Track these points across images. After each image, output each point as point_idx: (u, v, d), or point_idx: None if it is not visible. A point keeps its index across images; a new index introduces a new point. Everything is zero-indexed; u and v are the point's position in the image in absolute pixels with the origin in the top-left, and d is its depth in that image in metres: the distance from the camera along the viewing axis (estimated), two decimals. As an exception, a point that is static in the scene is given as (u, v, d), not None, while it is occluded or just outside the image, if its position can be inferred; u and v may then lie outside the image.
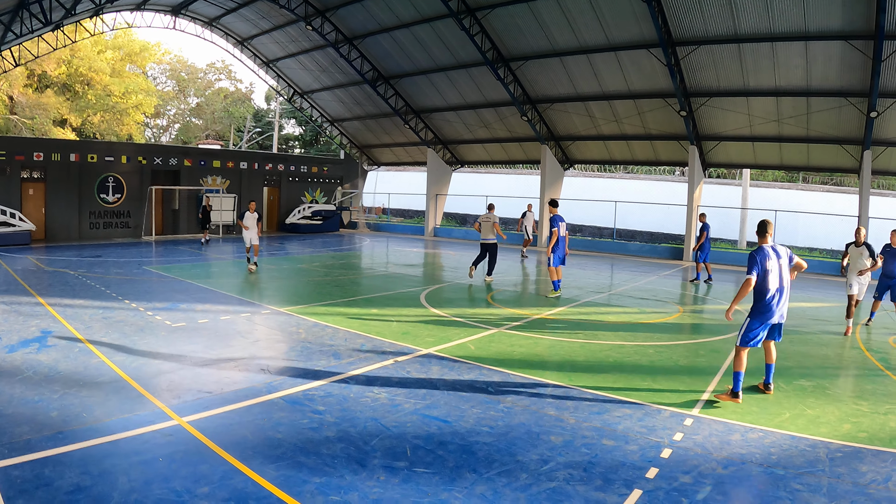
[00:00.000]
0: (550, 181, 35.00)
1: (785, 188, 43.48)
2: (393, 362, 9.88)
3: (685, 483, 5.95)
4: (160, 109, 73.03)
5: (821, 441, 7.19)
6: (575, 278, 22.22)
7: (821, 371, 10.34)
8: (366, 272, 23.12)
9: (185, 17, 37.40)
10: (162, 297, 15.26)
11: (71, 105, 54.84)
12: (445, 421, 7.33)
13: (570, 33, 27.00)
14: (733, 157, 30.38)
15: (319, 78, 39.85)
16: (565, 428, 7.31)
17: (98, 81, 54.83)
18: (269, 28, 36.66)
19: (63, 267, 20.85)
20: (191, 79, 76.49)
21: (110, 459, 6.11)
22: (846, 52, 22.44)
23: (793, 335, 13.40)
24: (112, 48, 58.04)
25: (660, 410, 8.05)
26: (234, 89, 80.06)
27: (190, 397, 7.96)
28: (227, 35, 39.94)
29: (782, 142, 27.72)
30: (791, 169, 33.16)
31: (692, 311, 16.54)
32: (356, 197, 47.39)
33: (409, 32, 31.59)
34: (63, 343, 10.52)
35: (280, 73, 41.98)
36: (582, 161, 36.84)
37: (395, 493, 5.60)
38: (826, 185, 43.73)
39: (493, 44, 29.40)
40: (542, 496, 5.64)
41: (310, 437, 6.81)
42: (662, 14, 23.72)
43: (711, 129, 28.69)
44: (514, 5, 26.53)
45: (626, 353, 11.04)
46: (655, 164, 35.06)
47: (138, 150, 35.35)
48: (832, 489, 5.97)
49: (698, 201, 30.19)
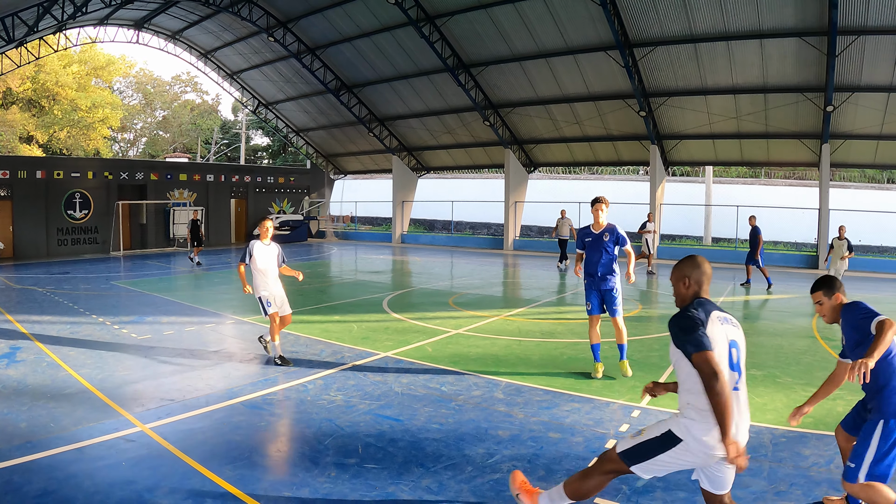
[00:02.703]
0: (515, 184, 35.29)
1: (748, 184, 44.13)
2: (351, 366, 10.06)
3: (624, 471, 6.16)
4: (127, 123, 72.53)
5: (766, 427, 7.41)
6: (536, 279, 22.51)
7: (773, 360, 10.63)
8: (332, 280, 23.21)
9: (149, 31, 37.32)
10: (128, 311, 15.34)
11: (37, 121, 54.41)
12: (397, 420, 7.53)
13: (528, 38, 27.30)
14: (695, 154, 30.80)
15: (283, 88, 39.93)
16: (514, 423, 7.53)
17: (64, 96, 54.44)
18: (232, 40, 36.71)
19: (31, 284, 20.82)
20: (157, 92, 76.07)
21: (76, 465, 6.28)
22: (801, 48, 22.90)
23: (748, 327, 13.72)
24: (78, 62, 57.64)
25: (608, 403, 8.28)
26: (201, 101, 79.73)
27: (153, 405, 8.11)
28: (190, 48, 39.87)
29: (742, 138, 28.21)
30: (752, 164, 33.65)
31: (652, 307, 16.80)
32: (323, 206, 47.46)
33: (370, 41, 31.78)
34: (31, 358, 10.61)
35: (245, 85, 42.01)
36: (546, 164, 37.16)
37: (345, 488, 5.81)
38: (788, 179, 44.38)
39: (453, 50, 29.66)
40: (486, 487, 5.86)
41: (266, 438, 7.04)
42: (618, 16, 24.08)
43: (672, 128, 29.09)
44: (473, 12, 26.82)
45: (582, 350, 11.24)
46: (618, 164, 35.46)
47: (104, 166, 35.28)
48: (772, 473, 6.19)
49: (661, 199, 30.59)
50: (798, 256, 27.87)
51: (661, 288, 20.40)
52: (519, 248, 35.45)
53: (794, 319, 14.93)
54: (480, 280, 22.22)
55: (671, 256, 30.09)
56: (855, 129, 25.22)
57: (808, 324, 14.17)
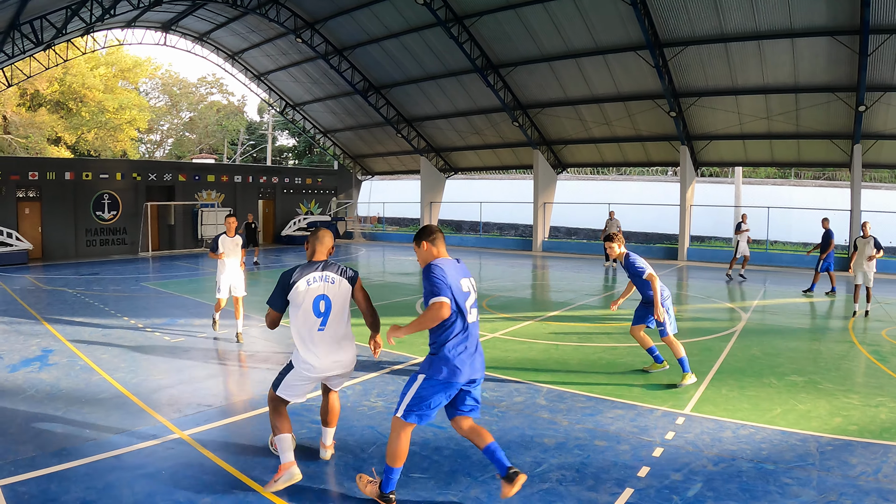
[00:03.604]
0: (543, 185, 35.13)
1: (777, 184, 43.71)
2: (389, 371, 9.98)
3: (676, 481, 6.05)
4: (153, 125, 72.92)
5: (811, 435, 7.26)
6: (568, 282, 22.36)
7: (812, 366, 10.42)
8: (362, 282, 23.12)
9: (176, 33, 37.55)
10: (160, 313, 15.35)
11: (65, 123, 54.81)
12: (441, 427, 7.40)
13: (557, 38, 27.15)
14: (724, 155, 30.50)
15: (311, 89, 39.98)
16: (558, 430, 7.42)
17: (91, 98, 54.79)
18: (259, 41, 36.80)
19: (61, 285, 20.92)
20: (183, 93, 76.42)
21: (114, 473, 6.20)
22: (832, 47, 22.58)
23: (785, 331, 13.54)
24: (104, 64, 58.05)
25: (652, 410, 8.15)
26: (227, 103, 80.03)
27: (191, 411, 8.06)
28: (217, 49, 40.07)
29: (772, 139, 27.87)
30: (782, 165, 33.34)
31: (686, 311, 16.61)
32: (351, 207, 47.49)
33: (398, 42, 31.73)
34: (64, 361, 10.61)
35: (272, 86, 42.12)
36: (574, 164, 36.97)
37: (392, 499, 5.69)
38: (818, 179, 43.92)
39: (481, 51, 29.55)
40: (536, 497, 5.74)
41: (308, 446, 6.91)
42: (648, 16, 23.85)
43: (702, 129, 28.82)
44: (502, 12, 26.68)
45: (620, 354, 11.14)
46: (647, 165, 35.19)
47: (133, 167, 35.53)
48: (822, 482, 6.04)
49: (691, 201, 30.34)
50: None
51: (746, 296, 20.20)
52: (548, 249, 35.27)
53: (831, 323, 14.73)
54: (512, 282, 22.08)
55: (700, 258, 29.86)
56: (887, 129, 24.81)
57: (844, 327, 13.96)
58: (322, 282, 6.12)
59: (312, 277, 6.09)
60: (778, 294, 19.52)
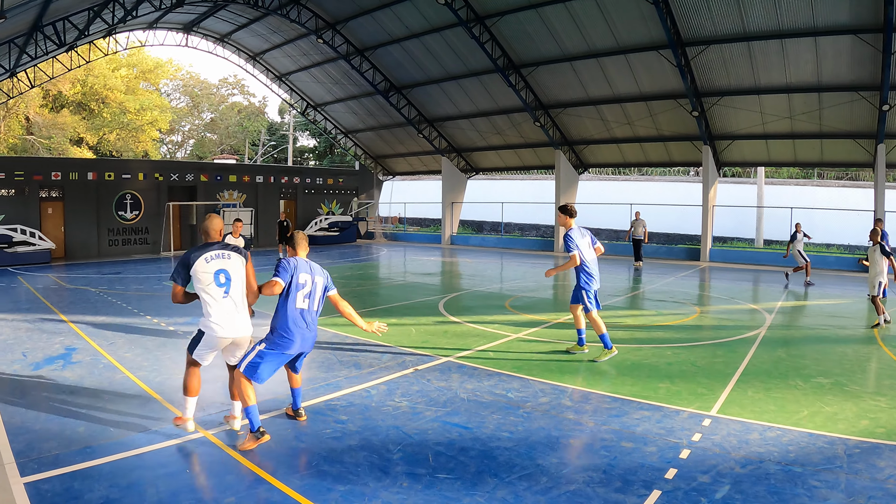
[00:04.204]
0: (565, 186, 35.05)
1: (800, 185, 43.41)
2: (413, 371, 9.98)
3: (703, 483, 6.01)
4: (175, 125, 73.36)
5: (839, 438, 7.19)
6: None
7: (838, 368, 10.32)
8: (384, 282, 23.21)
9: (197, 34, 37.75)
10: (182, 312, 15.36)
11: (87, 124, 55.29)
12: (466, 427, 7.41)
13: (579, 38, 27.06)
14: (747, 155, 30.31)
15: (332, 90, 40.06)
16: (584, 431, 7.39)
17: (113, 99, 55.26)
18: (280, 42, 36.93)
19: (84, 284, 21.07)
20: (204, 94, 76.81)
21: (138, 472, 6.23)
22: (856, 46, 22.38)
23: (810, 333, 13.45)
24: (126, 66, 58.53)
25: (678, 412, 8.09)
26: (248, 103, 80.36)
27: (214, 410, 8.09)
28: (239, 50, 40.24)
29: (795, 138, 27.65)
30: (805, 165, 33.07)
31: (710, 312, 16.52)
32: (372, 207, 47.56)
33: (419, 42, 31.74)
34: (87, 359, 10.68)
35: (293, 87, 42.25)
36: (596, 165, 36.85)
37: (418, 499, 5.69)
38: (841, 180, 43.58)
39: (503, 51, 29.51)
40: (562, 499, 5.71)
41: (333, 446, 6.90)
42: (671, 15, 23.73)
43: (724, 129, 28.66)
44: (523, 12, 26.63)
45: (645, 355, 11.09)
46: (669, 165, 35.06)
47: (155, 167, 35.77)
48: (850, 485, 5.99)
49: (713, 201, 30.19)
50: (852, 260, 27.30)
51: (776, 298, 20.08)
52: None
53: (856, 325, 14.59)
54: (534, 283, 22.00)
55: (723, 259, 29.70)
56: (912, 128, 24.64)
57: (870, 329, 13.83)
58: (219, 259, 6.96)
59: (210, 255, 6.94)
60: (802, 295, 19.37)
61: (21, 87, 32.87)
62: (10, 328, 13.48)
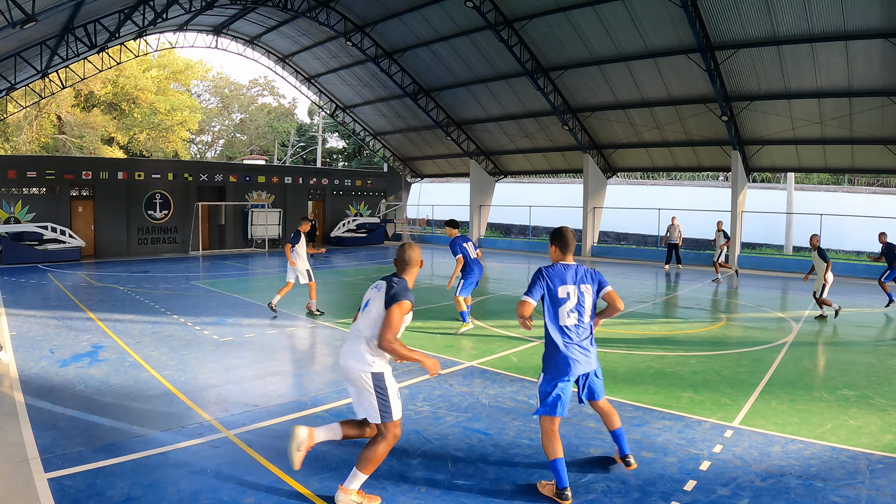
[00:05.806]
0: (593, 190, 34.93)
1: (830, 191, 43.04)
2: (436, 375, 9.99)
3: (723, 496, 5.97)
4: (204, 126, 73.96)
5: (862, 452, 7.11)
6: (619, 288, 22.17)
7: (864, 380, 10.20)
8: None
9: (227, 37, 38.07)
10: (209, 312, 15.52)
11: (118, 123, 55.86)
12: (486, 434, 7.43)
13: (608, 41, 26.97)
14: (777, 160, 30.05)
15: (361, 92, 40.20)
16: (605, 440, 7.35)
17: (144, 99, 55.80)
18: (309, 44, 37.14)
19: (112, 282, 21.27)
20: (234, 95, 77.35)
21: (160, 471, 6.32)
22: (887, 50, 22.10)
23: (837, 343, 13.33)
24: (157, 66, 59.10)
25: (700, 422, 8.04)
26: (277, 105, 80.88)
27: (237, 410, 8.17)
28: (268, 52, 40.50)
29: (826, 144, 27.36)
30: (836, 171, 32.80)
31: (736, 320, 16.40)
32: (400, 209, 47.64)
33: (448, 45, 31.76)
34: (114, 357, 10.81)
35: (322, 89, 42.42)
36: (624, 169, 36.65)
37: (435, 507, 5.70)
38: (872, 186, 43.16)
39: (531, 54, 29.46)
40: (581, 509, 5.70)
41: (353, 450, 6.89)
42: (700, 18, 23.59)
43: (754, 133, 28.44)
44: (552, 15, 26.56)
45: (668, 363, 11.03)
46: (698, 170, 34.83)
47: (184, 167, 36.05)
48: (871, 502, 5.91)
49: (742, 207, 29.98)
50: (882, 268, 26.97)
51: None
52: (597, 254, 35.06)
53: (884, 335, 14.45)
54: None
55: (753, 266, 29.50)
56: (944, 134, 24.36)
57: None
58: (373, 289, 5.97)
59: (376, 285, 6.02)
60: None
61: (53, 87, 33.25)
62: (38, 325, 13.68)
